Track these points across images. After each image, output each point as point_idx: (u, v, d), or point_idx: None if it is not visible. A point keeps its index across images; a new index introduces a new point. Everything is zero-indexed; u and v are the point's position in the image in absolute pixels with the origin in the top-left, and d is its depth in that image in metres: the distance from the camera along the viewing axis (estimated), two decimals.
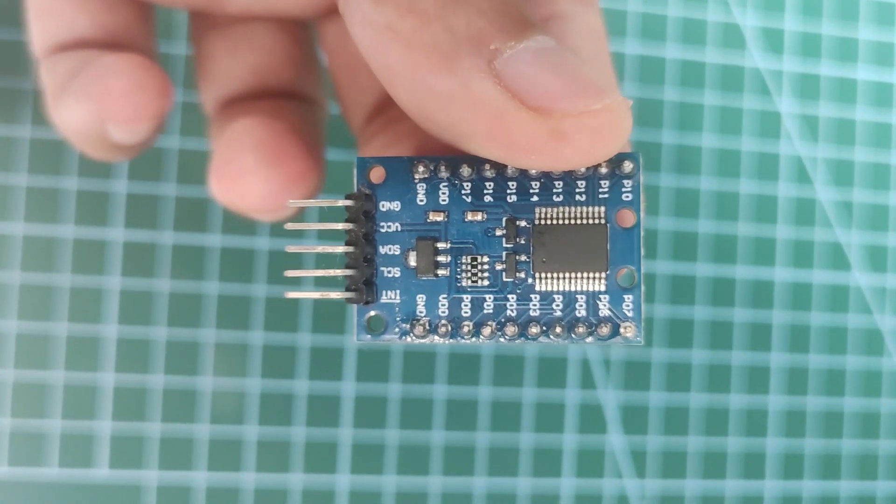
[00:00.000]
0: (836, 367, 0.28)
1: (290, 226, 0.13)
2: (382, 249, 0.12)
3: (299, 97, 0.16)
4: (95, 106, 0.13)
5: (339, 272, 0.12)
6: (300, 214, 0.16)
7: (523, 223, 0.12)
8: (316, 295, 0.13)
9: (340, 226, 0.12)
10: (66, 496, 0.24)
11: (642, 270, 0.12)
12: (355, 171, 0.12)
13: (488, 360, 0.26)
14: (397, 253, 0.12)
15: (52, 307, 0.25)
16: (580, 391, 0.27)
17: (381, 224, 0.12)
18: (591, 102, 0.10)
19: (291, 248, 0.13)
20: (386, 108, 0.16)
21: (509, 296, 0.12)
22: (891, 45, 0.29)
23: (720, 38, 0.28)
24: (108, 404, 0.25)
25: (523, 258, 0.12)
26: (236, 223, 0.25)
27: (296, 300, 0.26)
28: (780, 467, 0.28)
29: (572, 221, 0.12)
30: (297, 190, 0.14)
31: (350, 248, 0.12)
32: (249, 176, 0.14)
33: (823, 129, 0.29)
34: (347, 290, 0.12)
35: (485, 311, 0.12)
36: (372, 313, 0.12)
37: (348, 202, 0.12)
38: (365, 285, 0.12)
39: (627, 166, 0.12)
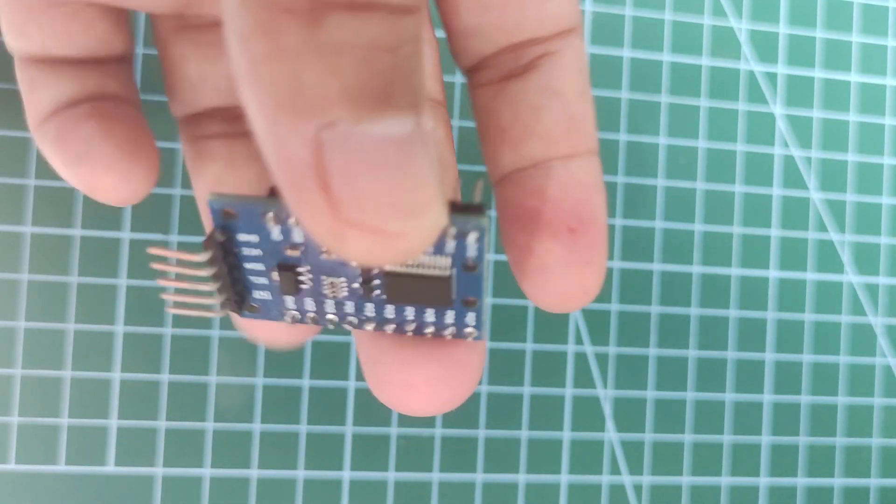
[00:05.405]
0: (829, 367, 0.29)
1: (152, 250, 0.13)
2: (248, 265, 0.13)
3: None
4: (81, 183, 0.14)
5: (208, 300, 0.13)
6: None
7: (374, 269, 0.12)
8: (194, 313, 0.13)
9: (199, 257, 0.12)
10: (73, 492, 0.25)
11: (485, 298, 0.12)
12: (210, 213, 0.12)
13: (487, 359, 0.27)
14: (262, 269, 0.13)
15: (61, 306, 0.25)
16: (578, 388, 0.27)
17: (243, 249, 0.12)
18: (391, 222, 0.09)
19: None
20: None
21: (367, 304, 0.13)
22: (882, 49, 0.30)
23: (715, 43, 0.29)
24: (116, 401, 0.25)
25: (377, 293, 0.13)
26: None
27: None
28: (773, 463, 0.28)
29: (419, 270, 0.12)
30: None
31: (213, 270, 0.13)
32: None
33: (817, 132, 0.29)
34: (223, 305, 0.13)
35: (346, 311, 0.13)
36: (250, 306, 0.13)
37: (206, 255, 0.12)
38: (238, 295, 0.13)
39: (472, 237, 0.12)
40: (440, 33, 0.15)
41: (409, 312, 0.13)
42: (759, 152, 0.29)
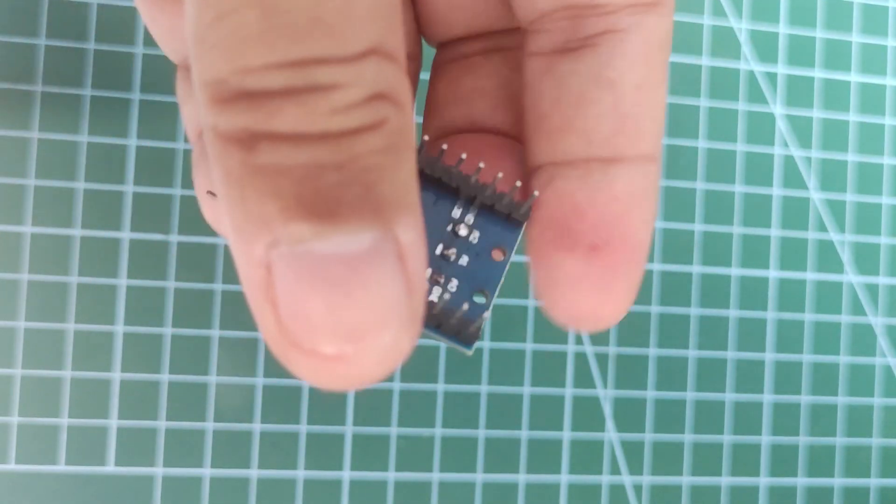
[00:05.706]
0: (829, 367, 0.29)
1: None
2: None
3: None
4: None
5: None
6: None
7: None
8: None
9: None
10: (73, 492, 0.25)
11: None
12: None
13: (487, 359, 0.27)
14: None
15: (61, 306, 0.25)
16: (578, 388, 0.27)
17: None
18: (328, 345, 0.09)
19: None
20: None
21: None
22: (882, 49, 0.30)
23: (715, 43, 0.29)
24: (116, 401, 0.25)
25: None
26: None
27: None
28: (773, 463, 0.28)
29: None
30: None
31: None
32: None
33: (817, 132, 0.29)
34: None
35: None
36: None
37: None
38: None
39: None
40: None
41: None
42: (759, 152, 0.29)
